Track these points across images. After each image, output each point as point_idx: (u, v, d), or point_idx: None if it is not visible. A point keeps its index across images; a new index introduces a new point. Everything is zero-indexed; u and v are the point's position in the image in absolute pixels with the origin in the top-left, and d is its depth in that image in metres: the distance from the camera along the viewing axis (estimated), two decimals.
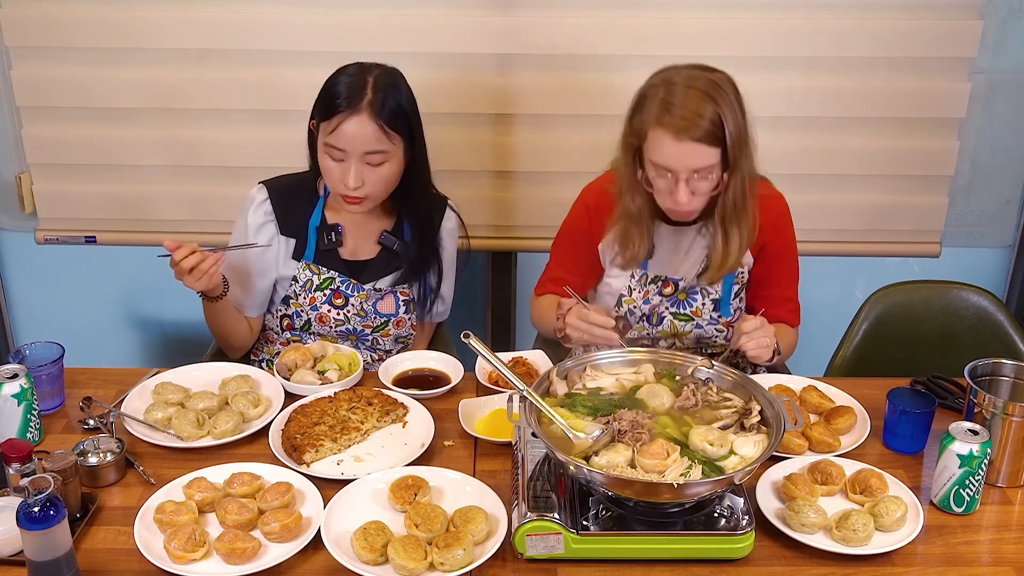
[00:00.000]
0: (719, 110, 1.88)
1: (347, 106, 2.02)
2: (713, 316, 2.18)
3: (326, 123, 2.05)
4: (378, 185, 2.09)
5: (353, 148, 2.03)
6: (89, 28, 2.66)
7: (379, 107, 2.03)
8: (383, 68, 2.10)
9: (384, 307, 2.27)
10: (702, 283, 2.16)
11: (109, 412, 1.89)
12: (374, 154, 2.05)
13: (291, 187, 2.23)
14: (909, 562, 1.58)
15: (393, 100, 2.05)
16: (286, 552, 1.54)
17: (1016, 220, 2.94)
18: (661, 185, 1.97)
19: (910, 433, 1.85)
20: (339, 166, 2.06)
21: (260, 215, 2.19)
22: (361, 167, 2.06)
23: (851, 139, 2.78)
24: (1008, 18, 2.68)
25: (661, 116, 1.90)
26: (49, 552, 1.44)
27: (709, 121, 1.87)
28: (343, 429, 1.85)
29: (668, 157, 1.91)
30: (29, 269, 3.00)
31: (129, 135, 2.78)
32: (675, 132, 1.88)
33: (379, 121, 2.02)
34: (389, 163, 2.08)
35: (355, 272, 2.24)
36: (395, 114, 2.05)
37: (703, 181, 1.94)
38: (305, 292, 2.22)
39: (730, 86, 1.92)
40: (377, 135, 2.03)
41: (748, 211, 2.03)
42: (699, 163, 1.90)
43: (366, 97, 2.02)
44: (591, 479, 1.54)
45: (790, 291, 2.24)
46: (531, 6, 2.65)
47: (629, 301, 2.19)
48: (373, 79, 2.05)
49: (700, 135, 1.87)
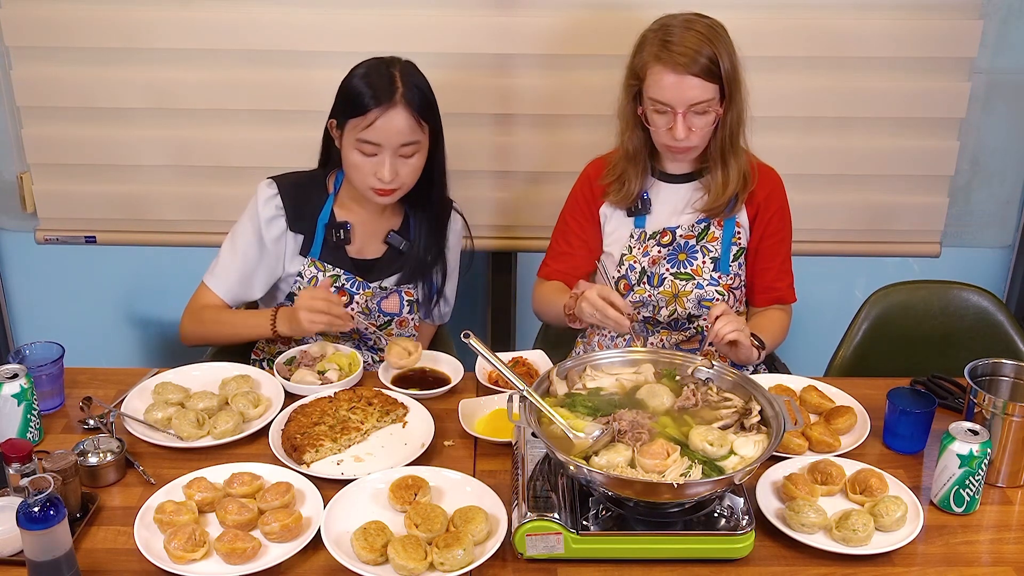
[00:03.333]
0: (715, 49, 2.00)
1: (383, 100, 2.03)
2: (713, 276, 2.20)
3: (358, 119, 2.05)
4: (410, 176, 2.12)
5: (389, 142, 2.05)
6: (89, 28, 2.66)
7: (412, 98, 2.05)
8: (401, 60, 2.11)
9: (388, 306, 2.27)
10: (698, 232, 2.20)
11: (109, 412, 1.89)
12: (408, 146, 2.07)
13: (301, 183, 2.24)
14: (909, 562, 1.58)
15: (420, 89, 2.08)
16: (286, 552, 1.54)
17: (1016, 220, 2.94)
18: (660, 122, 2.06)
19: (910, 433, 1.85)
20: (372, 161, 2.08)
21: (271, 208, 2.19)
22: (395, 160, 2.07)
23: (851, 139, 2.78)
24: (1008, 18, 2.68)
25: (660, 54, 2.01)
26: (49, 552, 1.44)
27: (706, 58, 1.99)
28: (343, 429, 1.85)
29: (667, 92, 2.01)
30: (29, 269, 3.00)
31: (129, 135, 2.78)
32: (673, 67, 1.99)
33: (414, 113, 2.05)
34: (419, 154, 2.11)
35: (361, 271, 2.24)
36: (425, 104, 2.08)
37: (700, 116, 2.04)
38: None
39: (723, 30, 2.05)
40: (412, 127, 2.05)
41: (742, 148, 2.13)
42: (697, 96, 2.01)
43: (399, 90, 2.04)
44: (591, 479, 1.54)
45: (788, 263, 2.28)
46: (531, 6, 2.66)
47: (630, 258, 2.23)
48: (399, 72, 2.06)
49: (697, 70, 1.99)
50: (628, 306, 1.99)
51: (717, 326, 1.95)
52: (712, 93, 2.02)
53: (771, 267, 2.24)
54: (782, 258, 2.25)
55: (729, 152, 2.13)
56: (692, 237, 2.21)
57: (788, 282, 2.28)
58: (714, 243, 2.20)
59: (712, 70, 2.00)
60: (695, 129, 2.05)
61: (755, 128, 2.17)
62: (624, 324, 1.97)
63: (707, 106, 2.03)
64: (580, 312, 2.05)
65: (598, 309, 1.98)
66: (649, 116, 2.08)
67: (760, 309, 2.29)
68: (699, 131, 2.06)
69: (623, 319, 1.97)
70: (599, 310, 1.98)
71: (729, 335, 1.95)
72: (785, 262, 2.27)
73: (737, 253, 2.22)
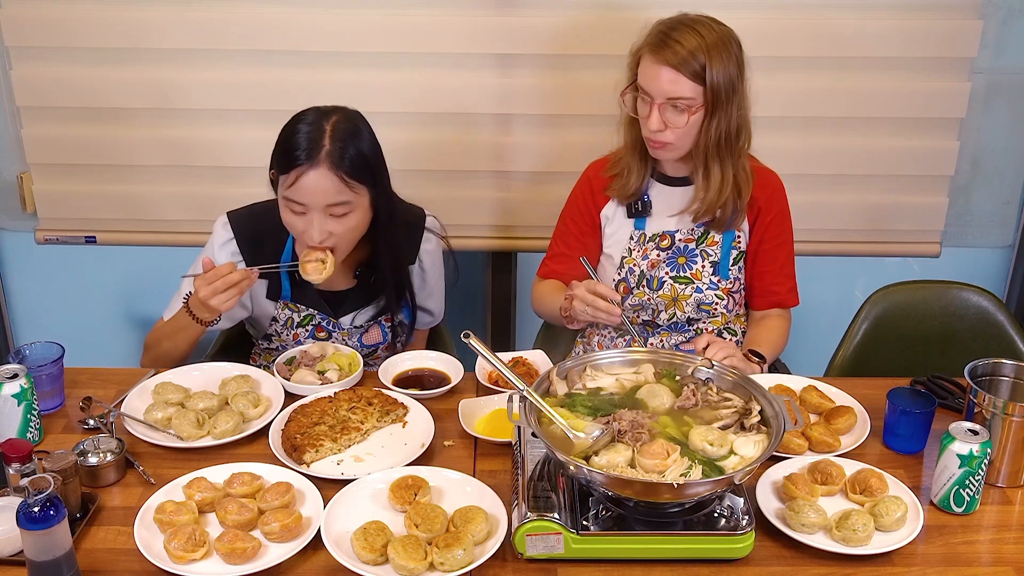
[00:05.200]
0: (709, 54, 1.98)
1: (305, 159, 1.92)
2: (713, 280, 2.19)
3: (284, 176, 1.96)
4: (345, 236, 2.02)
5: (314, 202, 1.95)
6: (89, 28, 2.66)
7: (338, 157, 1.93)
8: (342, 113, 2.01)
9: (370, 339, 2.25)
10: (698, 236, 2.20)
11: (109, 412, 1.89)
12: (337, 206, 1.97)
13: (257, 223, 2.14)
14: (909, 562, 1.58)
15: (353, 148, 1.96)
16: (286, 552, 1.54)
17: (1016, 220, 2.94)
18: (641, 111, 2.08)
19: (910, 433, 1.85)
20: (302, 219, 1.98)
21: (226, 255, 2.12)
22: (324, 219, 1.97)
23: (851, 139, 2.78)
24: (1008, 18, 2.68)
25: (653, 43, 2.03)
26: (49, 552, 1.44)
27: (697, 63, 1.98)
28: (343, 429, 1.85)
29: (647, 79, 2.04)
30: (29, 269, 3.00)
31: (129, 135, 2.78)
32: (662, 59, 2.00)
33: (339, 173, 1.93)
34: (354, 213, 2.00)
35: (334, 305, 2.19)
36: (356, 163, 1.96)
37: (677, 114, 2.03)
38: (287, 330, 2.21)
39: (732, 41, 2.03)
40: (338, 187, 1.94)
41: (733, 156, 2.11)
42: (674, 91, 2.00)
43: (324, 148, 1.93)
44: (591, 479, 1.54)
45: (789, 268, 2.27)
46: (531, 6, 2.66)
47: (629, 261, 2.23)
48: (331, 127, 1.95)
49: (683, 68, 1.98)
50: (614, 293, 2.01)
51: (708, 355, 1.91)
52: (692, 93, 2.00)
53: (770, 270, 2.24)
54: (781, 262, 2.24)
55: (712, 159, 2.09)
56: (692, 241, 2.21)
57: (789, 286, 2.27)
58: (714, 247, 2.20)
59: (697, 72, 1.99)
60: (670, 125, 2.04)
61: (755, 128, 2.17)
62: (615, 312, 1.99)
63: (686, 104, 2.01)
64: (575, 312, 2.06)
65: (588, 304, 2.00)
66: (636, 104, 2.09)
67: (758, 316, 2.28)
68: (675, 128, 2.04)
69: (613, 308, 1.99)
70: (589, 304, 2.00)
71: (723, 362, 1.94)
72: (785, 266, 2.26)
73: (737, 257, 2.22)
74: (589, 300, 2.00)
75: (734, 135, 2.08)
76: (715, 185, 2.11)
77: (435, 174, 2.82)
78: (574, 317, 2.10)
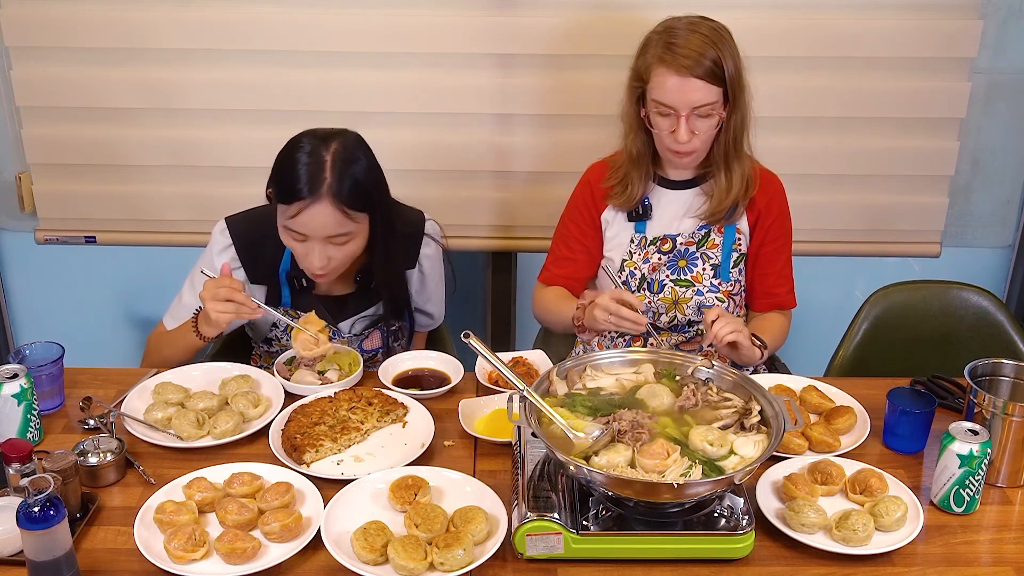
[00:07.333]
0: (720, 52, 1.99)
1: (307, 193, 1.92)
2: (713, 283, 2.20)
3: (285, 207, 1.96)
4: (344, 261, 2.03)
5: (315, 234, 1.96)
6: (89, 28, 2.66)
7: (339, 191, 1.93)
8: (340, 140, 1.98)
9: (370, 344, 2.25)
10: (698, 238, 2.20)
11: (109, 412, 1.89)
12: (338, 236, 1.98)
13: (257, 230, 2.12)
14: (909, 562, 1.58)
15: (353, 178, 1.95)
16: (286, 552, 1.54)
17: (1016, 220, 2.94)
18: (663, 124, 2.05)
19: (910, 433, 1.85)
20: (302, 246, 1.99)
21: (225, 261, 2.11)
22: (325, 247, 1.98)
23: (851, 139, 2.78)
24: (1008, 18, 2.68)
25: (664, 56, 2.01)
26: (49, 552, 1.44)
27: (710, 60, 1.99)
28: (343, 429, 1.85)
29: (670, 94, 2.01)
30: (29, 269, 3.00)
31: (129, 135, 2.78)
32: (677, 69, 1.99)
33: (341, 206, 1.93)
34: (355, 240, 2.01)
35: (333, 310, 2.19)
36: (356, 194, 1.95)
37: (703, 120, 2.03)
38: (287, 335, 2.20)
39: (728, 34, 2.04)
40: (340, 220, 1.95)
41: (745, 153, 2.12)
42: (700, 99, 2.00)
43: (325, 182, 1.92)
44: (591, 479, 1.54)
45: (788, 270, 2.28)
46: (531, 6, 2.66)
47: (631, 264, 2.23)
48: (331, 157, 1.94)
49: (701, 72, 1.98)
50: (639, 302, 2.02)
51: (715, 328, 1.95)
52: (716, 96, 2.01)
53: (770, 272, 2.24)
54: (781, 264, 2.25)
55: (732, 156, 2.12)
56: (692, 244, 2.21)
57: (788, 288, 2.28)
58: (714, 250, 2.20)
59: (716, 73, 1.99)
60: (698, 132, 2.04)
61: (756, 128, 2.17)
62: (642, 321, 1.99)
63: (710, 109, 2.02)
64: (592, 322, 2.05)
65: (613, 313, 1.99)
66: (652, 119, 2.07)
67: (760, 313, 2.29)
68: (702, 135, 2.05)
69: (640, 317, 1.99)
70: (614, 313, 1.99)
71: (728, 336, 1.95)
72: (785, 268, 2.26)
73: (737, 259, 2.22)
74: (614, 309, 1.99)
75: (746, 128, 2.10)
76: (736, 183, 2.13)
77: (435, 174, 2.82)
78: (589, 327, 2.09)
